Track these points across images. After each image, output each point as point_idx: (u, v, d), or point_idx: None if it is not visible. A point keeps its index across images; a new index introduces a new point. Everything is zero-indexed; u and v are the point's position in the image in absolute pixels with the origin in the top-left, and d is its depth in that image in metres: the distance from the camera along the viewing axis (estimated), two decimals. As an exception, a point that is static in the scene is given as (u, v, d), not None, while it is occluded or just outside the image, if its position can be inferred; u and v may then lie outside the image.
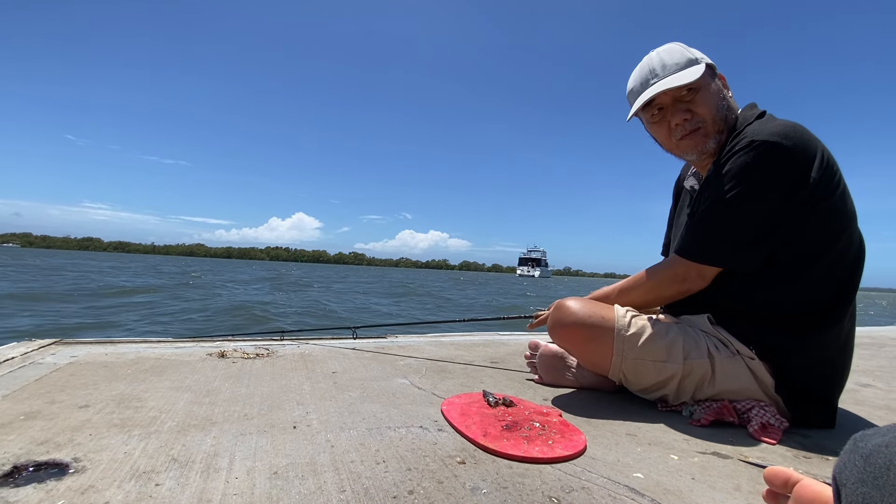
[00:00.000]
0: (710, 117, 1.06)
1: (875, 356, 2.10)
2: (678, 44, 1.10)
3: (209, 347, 1.59)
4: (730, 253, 1.00)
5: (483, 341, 2.00)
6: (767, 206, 0.95)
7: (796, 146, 0.93)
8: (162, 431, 0.81)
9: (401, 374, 1.32)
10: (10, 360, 1.25)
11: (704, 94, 1.05)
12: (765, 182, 0.94)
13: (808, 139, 0.95)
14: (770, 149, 0.93)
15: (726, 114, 1.07)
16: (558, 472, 0.73)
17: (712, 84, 1.07)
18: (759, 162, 0.94)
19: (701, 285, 1.05)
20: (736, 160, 0.97)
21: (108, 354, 1.41)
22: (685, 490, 0.68)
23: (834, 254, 0.97)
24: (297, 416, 0.93)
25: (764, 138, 0.94)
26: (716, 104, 1.06)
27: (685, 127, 1.07)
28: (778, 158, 0.93)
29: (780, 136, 0.93)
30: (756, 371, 0.99)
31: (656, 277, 1.11)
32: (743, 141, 0.97)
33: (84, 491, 0.60)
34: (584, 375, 1.25)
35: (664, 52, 1.08)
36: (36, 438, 0.75)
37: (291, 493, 0.62)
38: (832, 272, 0.97)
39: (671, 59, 1.06)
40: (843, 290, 0.98)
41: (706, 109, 1.05)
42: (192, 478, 0.65)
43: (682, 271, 1.05)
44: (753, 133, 0.96)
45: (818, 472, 0.77)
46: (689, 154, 1.11)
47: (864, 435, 0.31)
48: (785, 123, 0.96)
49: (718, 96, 1.07)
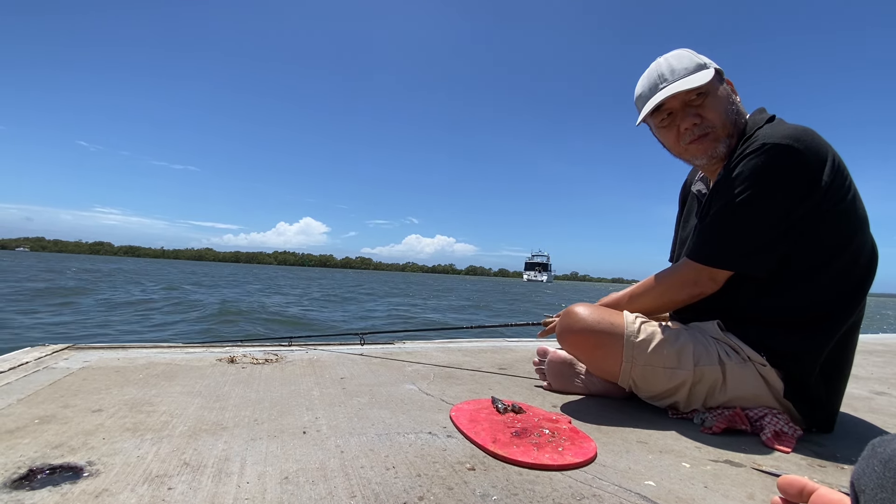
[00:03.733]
0: (720, 122, 1.06)
1: (889, 364, 2.06)
2: (686, 49, 1.10)
3: (219, 353, 1.60)
4: (742, 256, 0.99)
5: (491, 347, 2.00)
6: (779, 208, 0.94)
7: (808, 149, 0.93)
8: (174, 436, 0.82)
9: (409, 380, 1.32)
10: (24, 365, 1.27)
11: (713, 99, 1.06)
12: (776, 185, 0.94)
13: (819, 143, 0.94)
14: (782, 151, 0.93)
15: (735, 118, 1.07)
16: (569, 479, 0.72)
17: (721, 89, 1.07)
18: (771, 164, 0.94)
19: (713, 289, 1.04)
20: (747, 163, 0.96)
21: (120, 359, 1.42)
22: (698, 498, 0.68)
23: (845, 259, 0.96)
24: (306, 421, 0.93)
25: (776, 141, 0.94)
26: (725, 109, 1.06)
27: (694, 132, 1.07)
28: (790, 161, 0.93)
29: (791, 139, 0.93)
30: (767, 377, 0.98)
31: (667, 282, 1.10)
32: (755, 144, 0.97)
33: (98, 494, 0.61)
34: (594, 382, 1.24)
35: (672, 57, 1.08)
36: (50, 442, 0.76)
37: (302, 497, 0.62)
38: (843, 277, 0.96)
39: (680, 65, 1.06)
40: (854, 296, 0.97)
41: (715, 114, 1.05)
42: (203, 482, 0.65)
43: (693, 275, 1.05)
44: (765, 136, 0.96)
45: (833, 480, 0.76)
46: (697, 158, 1.10)
47: (882, 440, 0.31)
48: (796, 127, 0.96)
49: (727, 101, 1.07)
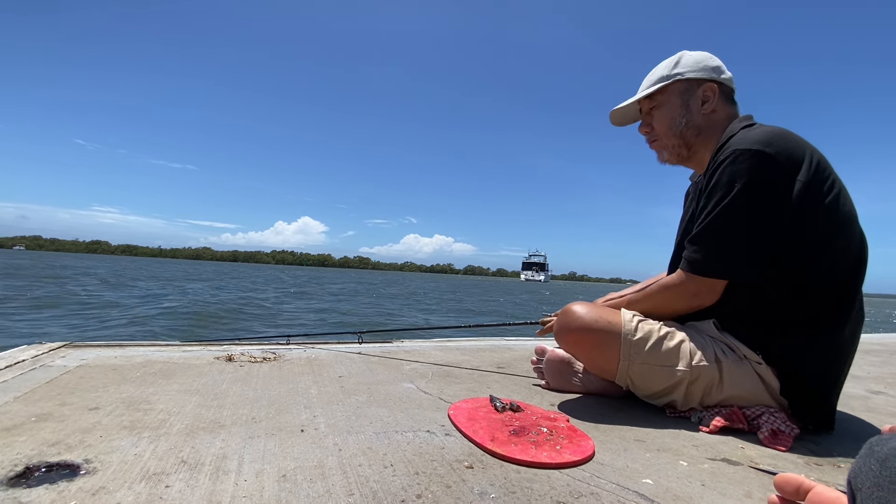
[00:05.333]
0: (663, 132, 1.20)
1: (886, 363, 2.07)
2: (679, 54, 1.18)
3: (217, 351, 1.60)
4: (735, 264, 1.00)
5: (489, 346, 2.00)
6: (761, 213, 0.96)
7: (779, 153, 0.95)
8: (171, 434, 0.82)
9: (407, 379, 1.32)
10: (21, 363, 1.27)
11: (659, 111, 1.19)
12: (752, 190, 0.96)
13: (793, 145, 0.97)
14: (752, 157, 0.96)
15: (683, 130, 1.17)
16: (567, 477, 0.72)
17: (675, 100, 1.16)
18: (744, 171, 0.96)
19: (713, 299, 1.05)
20: (723, 171, 1.00)
21: (118, 358, 1.42)
22: (695, 496, 0.68)
23: (833, 256, 0.97)
24: (304, 419, 0.93)
25: (746, 147, 0.97)
26: (669, 121, 1.18)
27: (647, 137, 1.25)
28: (762, 166, 0.95)
29: (762, 143, 0.96)
30: (764, 376, 0.99)
31: (666, 294, 1.09)
32: (726, 151, 1.00)
33: (95, 492, 0.60)
34: (592, 381, 1.24)
35: (659, 66, 1.19)
36: (47, 440, 0.76)
37: (300, 495, 0.62)
38: (832, 274, 0.97)
39: (653, 76, 1.19)
40: (845, 292, 0.97)
41: (659, 125, 1.20)
42: (201, 480, 0.65)
43: (693, 287, 1.05)
44: (737, 143, 0.99)
45: (830, 479, 0.76)
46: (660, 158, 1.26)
47: (880, 439, 0.31)
48: (768, 131, 0.99)
49: (678, 113, 1.16)
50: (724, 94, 1.16)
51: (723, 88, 1.15)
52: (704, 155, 1.17)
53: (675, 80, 1.15)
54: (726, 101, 1.16)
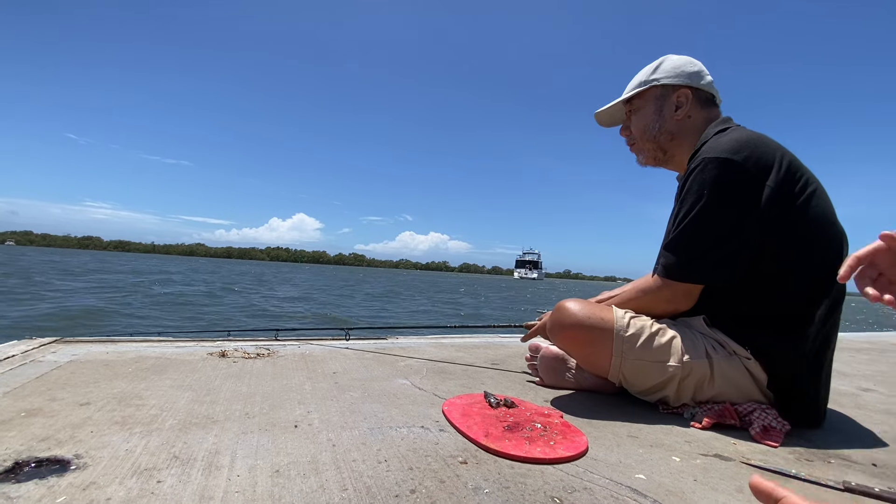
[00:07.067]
0: (638, 136, 1.25)
1: (875, 361, 2.10)
2: (661, 59, 1.22)
3: (210, 347, 1.59)
4: (707, 269, 1.02)
5: (484, 343, 2.00)
6: (731, 219, 0.99)
7: (747, 159, 0.97)
8: (163, 429, 0.81)
9: (401, 375, 1.32)
10: (10, 358, 1.25)
11: (637, 116, 1.25)
12: (722, 197, 0.99)
13: (761, 150, 0.99)
14: (720, 165, 0.99)
15: (656, 135, 1.21)
16: (560, 472, 0.73)
17: (650, 106, 1.21)
18: (713, 178, 0.99)
19: (689, 304, 1.08)
20: (693, 180, 1.03)
21: (109, 353, 1.41)
22: (687, 491, 0.68)
23: (810, 254, 0.99)
24: (298, 415, 0.93)
25: (715, 155, 1.00)
26: (644, 125, 1.22)
27: (627, 140, 1.30)
28: (730, 173, 0.98)
29: (729, 151, 0.99)
30: (753, 371, 1.00)
31: (646, 298, 1.12)
32: (697, 159, 1.04)
33: (86, 487, 0.60)
34: (585, 377, 1.25)
35: (642, 70, 1.23)
36: (37, 435, 0.75)
37: (293, 490, 0.62)
38: (811, 272, 0.99)
39: (634, 80, 1.23)
40: (827, 290, 0.99)
41: (635, 129, 1.25)
42: (193, 475, 0.65)
43: (668, 293, 1.08)
44: (706, 151, 1.03)
45: (820, 474, 0.77)
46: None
47: None
48: (737, 138, 1.01)
49: (651, 118, 1.21)
50: (700, 99, 1.18)
51: (698, 94, 1.18)
52: (683, 158, 1.20)
53: (651, 85, 1.20)
54: (703, 105, 1.18)
